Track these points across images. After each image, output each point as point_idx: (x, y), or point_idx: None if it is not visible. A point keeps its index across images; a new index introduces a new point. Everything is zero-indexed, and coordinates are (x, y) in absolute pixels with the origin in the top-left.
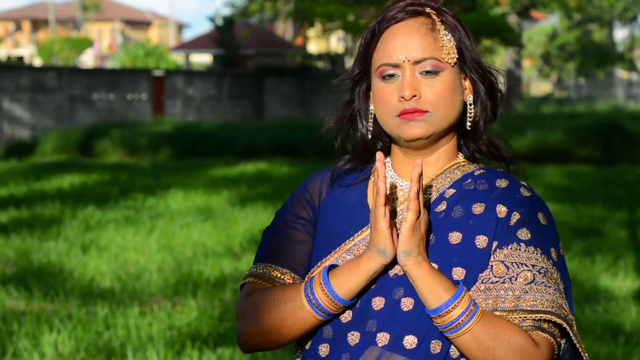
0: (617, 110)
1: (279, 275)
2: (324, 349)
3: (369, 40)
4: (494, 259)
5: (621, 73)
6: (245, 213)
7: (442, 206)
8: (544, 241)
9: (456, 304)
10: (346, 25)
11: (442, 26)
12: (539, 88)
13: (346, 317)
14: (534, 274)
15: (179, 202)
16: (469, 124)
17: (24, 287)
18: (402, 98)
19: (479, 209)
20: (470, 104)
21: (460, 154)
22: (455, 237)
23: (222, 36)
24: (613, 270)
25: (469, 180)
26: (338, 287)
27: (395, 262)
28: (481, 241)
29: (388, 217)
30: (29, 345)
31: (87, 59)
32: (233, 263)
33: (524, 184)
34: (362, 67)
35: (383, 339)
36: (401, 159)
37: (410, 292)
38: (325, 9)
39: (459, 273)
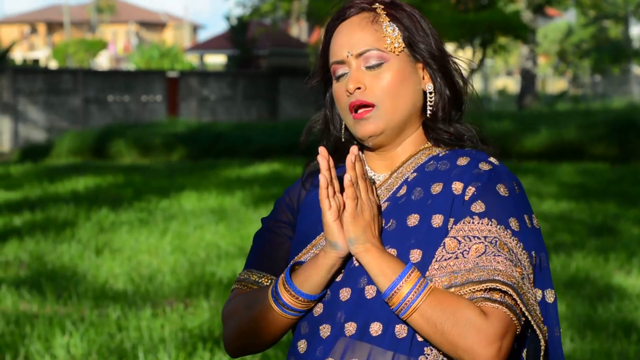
0: (633, 107)
1: (256, 279)
2: (302, 345)
3: (326, 42)
4: (448, 235)
5: (637, 70)
6: (259, 214)
7: (402, 190)
8: (502, 212)
9: (403, 283)
10: None
11: (387, 18)
12: (555, 86)
13: (318, 310)
14: (485, 245)
15: (192, 204)
16: (429, 112)
17: (37, 290)
18: (348, 92)
19: (437, 188)
20: (430, 92)
21: (428, 141)
22: (413, 220)
23: (236, 37)
24: (627, 268)
25: (431, 162)
26: (301, 284)
27: None
28: (437, 220)
29: (334, 210)
30: (40, 348)
31: (102, 61)
32: None
33: (490, 159)
34: (324, 69)
35: (350, 328)
36: (372, 155)
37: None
38: (339, 8)
39: (416, 255)
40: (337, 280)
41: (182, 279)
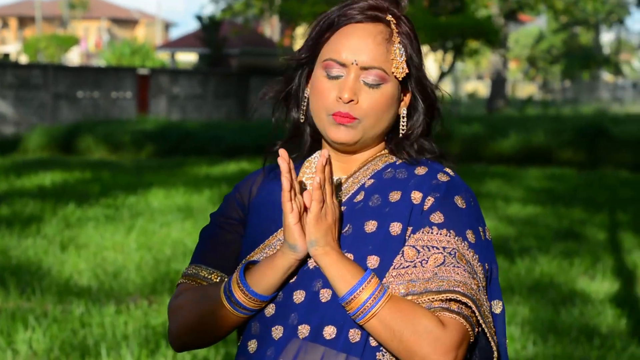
0: (601, 113)
1: (206, 275)
2: (252, 345)
3: (324, 29)
4: (406, 244)
5: (607, 76)
6: None
7: (360, 196)
8: (459, 223)
9: (362, 289)
10: None
11: (398, 38)
12: (525, 90)
13: (270, 311)
14: (444, 256)
15: (160, 201)
16: (401, 134)
17: (0, 285)
18: (340, 99)
19: (395, 196)
20: (403, 116)
21: (386, 149)
22: (370, 226)
23: (208, 35)
24: (591, 273)
25: (389, 169)
26: (255, 284)
27: None
28: (395, 228)
29: (296, 212)
30: (2, 343)
31: (74, 57)
32: None
33: (446, 170)
34: (311, 53)
35: (304, 331)
36: (332, 155)
37: (329, 283)
38: (312, 9)
39: (373, 261)
40: (290, 282)
41: (146, 276)
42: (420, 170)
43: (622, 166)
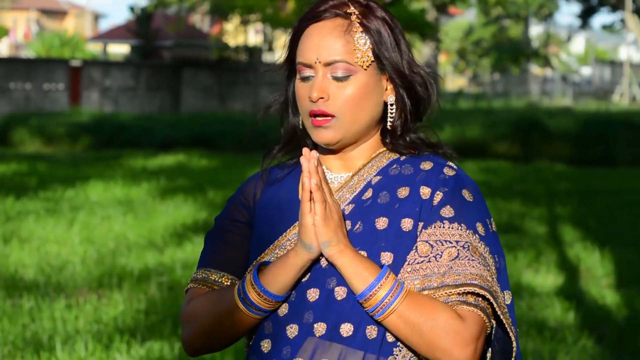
0: (534, 106)
1: (216, 279)
2: (265, 345)
3: (294, 36)
4: (419, 239)
5: (536, 69)
6: (166, 205)
7: (368, 193)
8: (469, 217)
9: (380, 286)
10: (265, 18)
11: (360, 28)
12: (455, 83)
13: (283, 310)
14: (458, 250)
15: (99, 194)
16: (389, 124)
17: None
18: (310, 99)
19: (403, 192)
20: (392, 104)
21: (385, 146)
22: (381, 223)
23: (140, 27)
24: (535, 267)
25: (394, 166)
26: (269, 284)
27: None
28: (407, 224)
29: (314, 213)
30: None
31: (2, 48)
32: (156, 256)
33: (450, 164)
34: (288, 61)
35: (320, 329)
36: (328, 154)
37: (343, 281)
38: (245, 2)
39: (387, 258)
40: (303, 280)
41: (92, 269)
42: (426, 166)
43: (557, 159)
